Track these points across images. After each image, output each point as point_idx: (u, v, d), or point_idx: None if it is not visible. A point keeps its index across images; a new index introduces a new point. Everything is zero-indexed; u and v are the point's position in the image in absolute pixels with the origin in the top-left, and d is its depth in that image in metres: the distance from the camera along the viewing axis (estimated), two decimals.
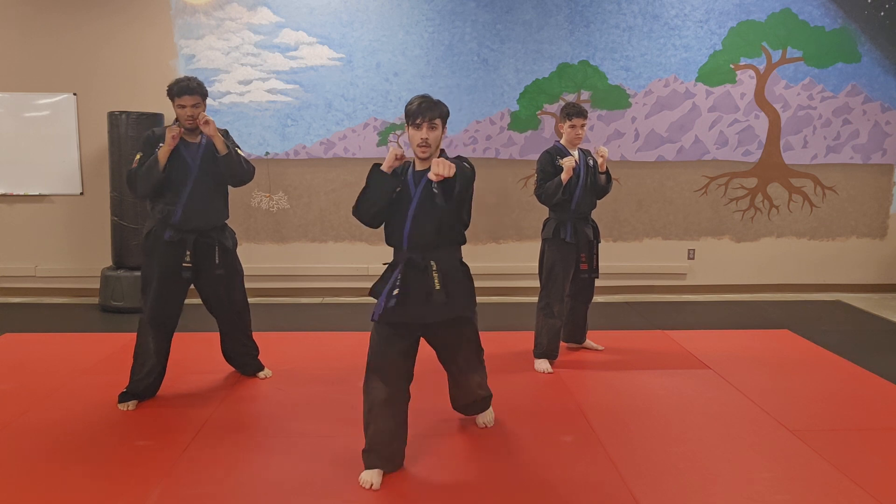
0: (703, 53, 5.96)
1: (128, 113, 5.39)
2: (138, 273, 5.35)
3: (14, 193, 5.89)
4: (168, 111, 5.73)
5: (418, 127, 2.63)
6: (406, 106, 2.68)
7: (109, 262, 5.71)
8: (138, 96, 5.74)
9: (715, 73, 5.99)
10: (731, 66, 6.00)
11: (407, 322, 2.71)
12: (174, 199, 3.41)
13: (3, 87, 5.76)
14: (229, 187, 3.64)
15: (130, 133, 5.36)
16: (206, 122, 3.35)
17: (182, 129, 3.36)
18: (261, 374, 3.92)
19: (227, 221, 3.69)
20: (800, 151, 6.16)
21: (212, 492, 2.65)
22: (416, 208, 2.67)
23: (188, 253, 3.44)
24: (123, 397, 3.49)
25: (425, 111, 2.61)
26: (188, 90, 3.32)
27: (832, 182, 6.22)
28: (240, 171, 3.49)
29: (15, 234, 5.94)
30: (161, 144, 3.36)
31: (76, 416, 3.33)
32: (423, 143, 2.63)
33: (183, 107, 3.34)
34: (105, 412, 3.39)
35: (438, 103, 2.66)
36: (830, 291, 6.32)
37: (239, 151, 3.52)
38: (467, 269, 2.83)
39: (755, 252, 6.27)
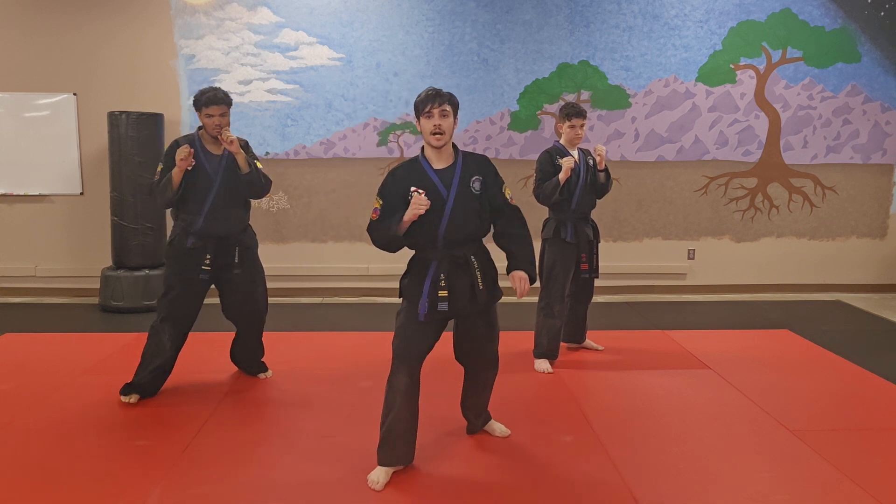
0: (703, 53, 5.96)
1: (128, 113, 5.39)
2: (138, 273, 5.45)
3: (14, 193, 5.90)
4: (168, 111, 5.75)
5: (429, 115, 2.61)
6: (415, 101, 2.67)
7: (109, 262, 5.71)
8: (138, 96, 5.74)
9: (715, 73, 5.99)
10: (731, 66, 6.00)
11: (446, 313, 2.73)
12: (197, 209, 3.48)
13: (3, 87, 5.76)
14: None
15: (130, 133, 5.36)
16: (231, 142, 3.41)
17: (192, 153, 3.39)
18: (262, 375, 3.93)
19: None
20: (800, 151, 6.16)
21: (212, 491, 2.65)
22: (454, 207, 2.66)
23: (208, 257, 3.50)
24: (126, 389, 3.53)
25: (434, 98, 2.60)
26: (216, 100, 3.39)
27: (832, 182, 6.22)
28: (259, 187, 3.58)
29: (15, 234, 5.94)
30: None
31: (76, 416, 3.33)
32: (437, 130, 2.60)
33: (211, 116, 3.41)
34: (105, 412, 3.39)
35: (447, 93, 2.66)
36: (830, 291, 6.32)
37: (258, 164, 3.60)
38: (489, 254, 2.85)
39: (755, 252, 6.27)
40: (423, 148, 2.75)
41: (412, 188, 2.63)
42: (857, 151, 6.18)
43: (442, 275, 2.67)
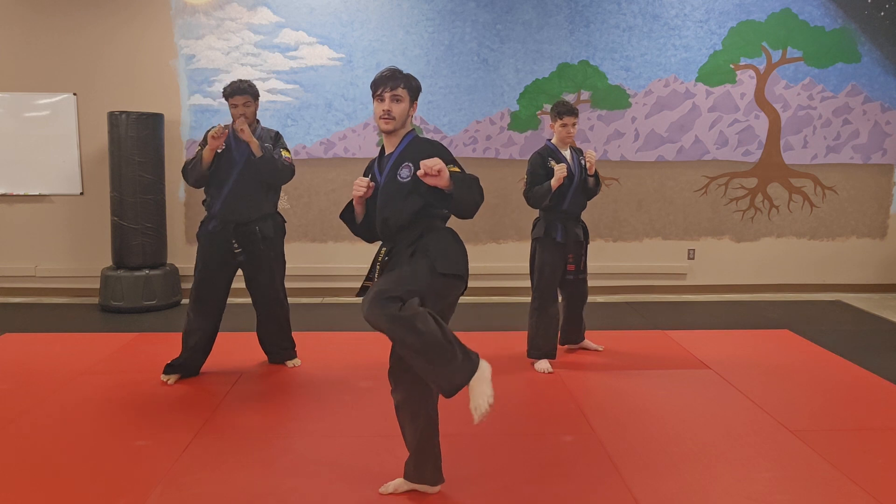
0: (703, 53, 5.96)
1: (128, 113, 5.39)
2: (138, 273, 5.45)
3: (14, 193, 5.89)
4: (168, 111, 5.77)
5: (381, 98, 2.45)
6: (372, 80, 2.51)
7: (109, 262, 5.70)
8: (138, 96, 5.74)
9: (715, 73, 5.99)
10: (731, 66, 6.00)
11: None
12: (217, 192, 3.72)
13: (3, 87, 5.76)
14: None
15: (130, 133, 5.36)
16: (242, 130, 3.62)
17: (227, 131, 3.62)
18: (290, 363, 4.10)
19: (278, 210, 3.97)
20: (800, 151, 6.16)
21: (212, 491, 2.65)
22: (381, 195, 2.51)
23: (234, 241, 3.73)
24: (167, 370, 3.79)
25: (387, 81, 2.44)
26: (239, 90, 3.66)
27: (832, 182, 6.22)
28: (274, 172, 3.76)
29: (15, 234, 5.94)
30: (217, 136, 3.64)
31: (76, 416, 3.33)
32: (386, 115, 2.43)
33: (235, 106, 3.67)
34: (105, 412, 3.39)
35: (405, 74, 2.48)
36: (830, 291, 6.32)
37: (285, 153, 3.81)
38: (447, 238, 2.47)
39: (755, 252, 6.27)
40: None
41: (370, 175, 2.59)
42: (857, 151, 6.18)
43: (377, 267, 2.53)
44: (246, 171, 3.70)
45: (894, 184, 6.27)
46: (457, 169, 2.37)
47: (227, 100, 3.69)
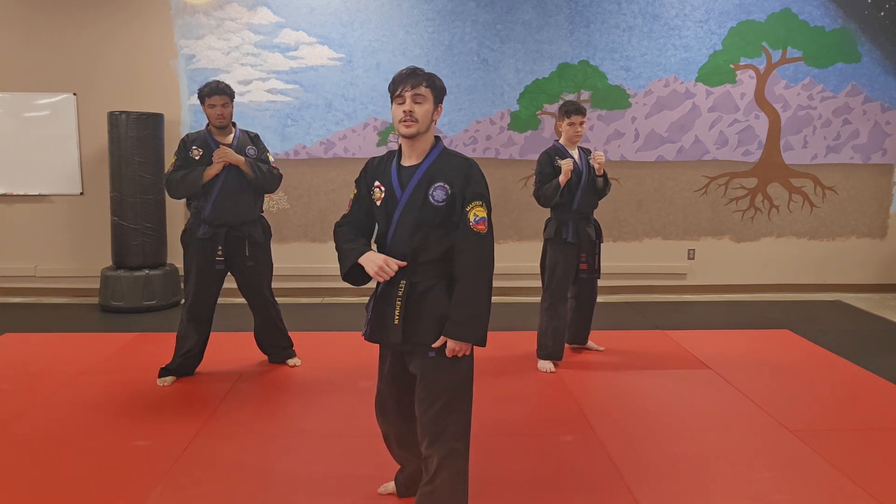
0: (703, 53, 5.96)
1: (128, 113, 5.39)
2: (138, 273, 5.45)
3: (14, 193, 5.89)
4: (168, 111, 5.75)
5: (401, 99, 2.13)
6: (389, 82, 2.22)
7: (109, 262, 5.70)
8: (138, 96, 5.73)
9: (715, 73, 5.99)
10: (731, 66, 6.00)
11: (383, 343, 2.30)
12: (206, 196, 3.69)
13: (3, 87, 5.76)
14: None
15: (130, 133, 5.36)
16: (224, 155, 3.62)
17: (226, 163, 3.64)
18: (290, 362, 4.12)
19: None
20: (800, 151, 6.16)
21: (212, 491, 2.65)
22: (402, 215, 2.16)
23: (220, 248, 3.72)
24: (162, 373, 3.80)
25: (407, 78, 2.13)
26: (217, 91, 3.62)
27: (832, 182, 6.22)
28: (266, 185, 3.80)
29: (15, 234, 5.94)
30: (196, 149, 3.67)
31: (76, 416, 3.33)
32: (407, 118, 2.11)
33: (213, 106, 3.63)
34: (105, 412, 3.39)
35: (427, 73, 2.18)
36: (830, 291, 6.31)
37: (269, 157, 3.84)
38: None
39: (755, 252, 6.27)
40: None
41: (376, 183, 2.23)
42: (857, 151, 6.18)
43: (376, 293, 2.22)
44: (231, 173, 3.69)
45: (894, 184, 6.27)
46: (481, 209, 2.13)
47: (203, 100, 3.62)
